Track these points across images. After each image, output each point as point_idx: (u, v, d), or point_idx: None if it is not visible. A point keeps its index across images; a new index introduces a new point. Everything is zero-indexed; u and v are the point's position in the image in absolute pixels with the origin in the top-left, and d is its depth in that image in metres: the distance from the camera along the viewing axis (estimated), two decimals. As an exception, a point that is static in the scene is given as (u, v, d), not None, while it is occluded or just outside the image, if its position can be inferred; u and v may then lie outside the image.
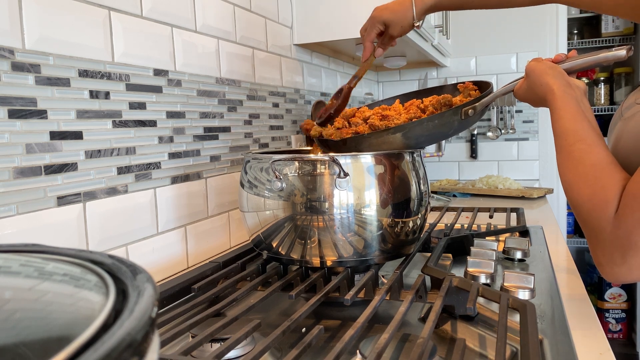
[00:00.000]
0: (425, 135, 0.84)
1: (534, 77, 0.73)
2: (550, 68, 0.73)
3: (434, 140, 0.88)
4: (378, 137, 0.84)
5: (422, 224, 0.84)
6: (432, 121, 0.83)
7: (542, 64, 0.74)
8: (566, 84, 0.70)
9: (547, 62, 0.75)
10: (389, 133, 0.83)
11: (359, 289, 0.69)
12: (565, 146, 0.64)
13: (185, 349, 0.52)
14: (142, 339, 0.19)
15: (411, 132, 0.83)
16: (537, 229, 1.18)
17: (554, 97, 0.69)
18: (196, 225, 0.99)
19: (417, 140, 0.84)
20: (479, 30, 2.21)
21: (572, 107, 0.67)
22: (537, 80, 0.72)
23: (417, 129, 0.83)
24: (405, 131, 0.83)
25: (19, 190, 0.65)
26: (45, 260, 0.28)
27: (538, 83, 0.72)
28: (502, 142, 2.24)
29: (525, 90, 0.76)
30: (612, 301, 2.82)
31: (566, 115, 0.66)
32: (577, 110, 0.66)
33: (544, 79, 0.72)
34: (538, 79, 0.72)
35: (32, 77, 0.66)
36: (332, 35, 1.40)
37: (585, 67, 0.76)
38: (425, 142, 0.86)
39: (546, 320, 0.65)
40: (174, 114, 0.93)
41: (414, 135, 0.83)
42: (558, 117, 0.67)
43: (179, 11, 0.94)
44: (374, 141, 0.84)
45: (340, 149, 0.88)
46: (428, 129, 0.84)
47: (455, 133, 0.88)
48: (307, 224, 0.74)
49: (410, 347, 0.57)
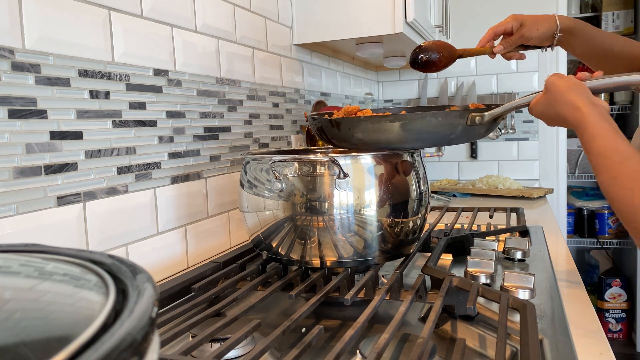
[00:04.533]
0: (426, 133, 0.79)
1: (556, 94, 0.69)
2: (575, 85, 0.69)
3: (433, 141, 0.82)
4: (375, 122, 0.78)
5: (422, 224, 0.84)
6: (435, 117, 0.79)
7: (565, 80, 0.70)
8: (591, 102, 0.67)
9: (571, 78, 0.70)
10: (387, 120, 0.78)
11: (359, 289, 0.69)
12: (612, 166, 0.62)
13: (185, 349, 0.52)
14: (142, 339, 0.19)
15: (411, 124, 0.78)
16: (537, 229, 1.18)
17: (583, 116, 0.65)
18: (196, 225, 0.99)
19: (415, 136, 0.79)
20: (479, 30, 2.20)
21: (604, 125, 0.64)
22: (561, 97, 0.68)
23: (418, 122, 0.78)
24: (404, 122, 0.78)
25: (19, 190, 0.65)
26: (45, 260, 0.28)
27: (562, 100, 0.68)
28: (502, 142, 2.24)
29: (544, 106, 0.72)
30: (612, 301, 2.82)
31: (601, 134, 0.63)
32: (609, 127, 0.64)
33: (568, 96, 0.68)
34: (562, 96, 0.68)
35: (32, 77, 0.66)
36: (332, 35, 1.40)
37: (612, 88, 0.73)
38: (423, 140, 0.81)
39: (546, 320, 0.65)
40: (174, 114, 0.93)
41: (413, 129, 0.78)
42: (592, 136, 0.64)
43: (178, 11, 0.94)
44: (370, 126, 0.79)
45: (334, 133, 0.83)
46: (430, 125, 0.79)
47: (457, 140, 0.82)
48: (307, 225, 0.74)
49: (410, 347, 0.57)
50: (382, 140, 0.79)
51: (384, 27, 1.34)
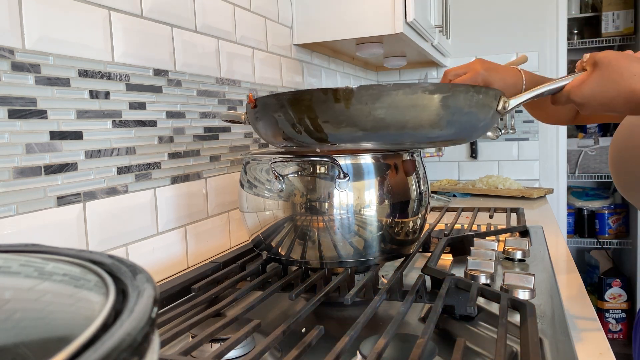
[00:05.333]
0: (463, 114, 0.64)
1: (619, 67, 0.61)
2: (635, 56, 0.61)
3: (463, 128, 0.67)
4: (410, 93, 0.60)
5: (422, 224, 0.84)
6: (478, 94, 0.65)
7: (621, 53, 0.62)
8: None
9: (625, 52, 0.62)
10: (427, 90, 0.61)
11: (359, 289, 0.69)
12: None
13: (185, 349, 0.52)
14: (142, 339, 0.19)
15: (453, 99, 0.63)
16: (537, 229, 1.18)
17: None
18: (196, 225, 0.99)
19: (451, 117, 0.64)
20: (479, 30, 2.21)
21: None
22: (628, 71, 0.60)
23: (461, 97, 0.63)
24: (447, 94, 0.62)
25: (19, 190, 0.65)
26: (45, 260, 0.28)
27: (628, 73, 0.60)
28: (502, 142, 2.24)
29: (598, 85, 0.62)
30: (612, 301, 2.82)
31: None
32: None
33: (635, 67, 0.59)
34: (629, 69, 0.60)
35: (32, 77, 0.66)
36: (332, 35, 1.40)
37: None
38: (455, 127, 0.66)
39: (546, 320, 0.65)
40: (174, 114, 0.93)
41: (453, 106, 0.63)
42: None
43: (179, 11, 0.94)
44: (402, 98, 0.60)
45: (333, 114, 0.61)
46: (470, 103, 0.64)
47: (482, 131, 0.71)
48: (307, 225, 0.74)
49: (410, 347, 0.57)
50: (409, 123, 0.62)
51: (384, 27, 1.34)
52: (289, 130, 0.65)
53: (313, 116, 0.62)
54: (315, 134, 0.64)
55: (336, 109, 0.60)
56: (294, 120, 0.63)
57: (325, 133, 0.63)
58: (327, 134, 0.63)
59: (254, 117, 0.69)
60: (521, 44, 2.15)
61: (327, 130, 0.63)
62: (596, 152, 2.82)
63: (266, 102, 0.66)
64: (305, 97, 0.61)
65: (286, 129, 0.65)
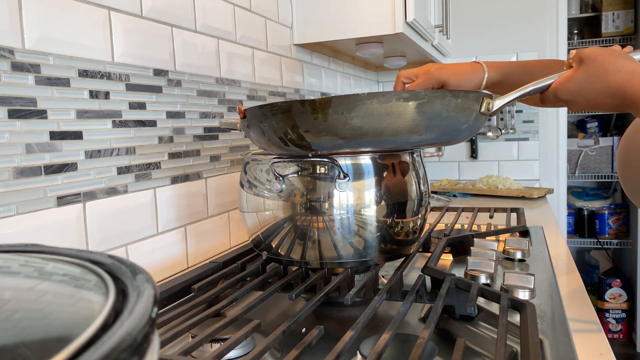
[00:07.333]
0: (442, 119, 0.65)
1: (604, 63, 0.60)
2: (621, 52, 0.60)
3: (444, 132, 0.68)
4: (383, 102, 0.61)
5: (422, 224, 0.84)
6: (456, 98, 0.65)
7: (606, 49, 0.61)
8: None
9: (610, 47, 0.62)
10: (401, 98, 0.62)
11: (359, 289, 0.69)
12: None
13: (185, 349, 0.52)
14: (142, 339, 0.19)
15: (429, 105, 0.63)
16: (537, 229, 1.18)
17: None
18: (196, 225, 0.99)
19: (428, 123, 0.65)
20: (479, 30, 2.21)
21: None
22: (613, 66, 0.59)
23: (437, 102, 0.64)
24: (422, 101, 0.63)
25: (19, 190, 0.65)
26: (45, 260, 0.28)
27: (614, 69, 0.59)
28: (502, 142, 2.24)
29: (584, 81, 0.62)
30: (612, 301, 2.82)
31: None
32: None
33: (621, 63, 0.58)
34: (614, 64, 0.59)
35: (32, 77, 0.66)
36: (332, 35, 1.40)
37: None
38: (433, 131, 0.66)
39: (546, 320, 0.65)
40: (174, 114, 0.93)
41: (430, 112, 0.64)
42: None
43: (178, 11, 0.94)
44: (375, 107, 0.61)
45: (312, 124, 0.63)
46: (448, 108, 0.65)
47: (467, 133, 0.71)
48: (307, 225, 0.74)
49: (410, 347, 0.57)
50: (387, 130, 0.63)
51: (384, 27, 1.34)
52: (276, 140, 0.67)
53: (295, 126, 0.64)
54: (299, 142, 0.66)
55: (314, 119, 0.63)
56: (279, 131, 0.66)
57: (308, 142, 0.65)
58: (309, 142, 0.65)
59: (245, 126, 0.72)
60: (521, 44, 2.15)
61: (309, 139, 0.65)
62: (596, 152, 2.83)
63: (253, 112, 0.68)
64: (286, 108, 0.63)
65: (272, 138, 0.68)
